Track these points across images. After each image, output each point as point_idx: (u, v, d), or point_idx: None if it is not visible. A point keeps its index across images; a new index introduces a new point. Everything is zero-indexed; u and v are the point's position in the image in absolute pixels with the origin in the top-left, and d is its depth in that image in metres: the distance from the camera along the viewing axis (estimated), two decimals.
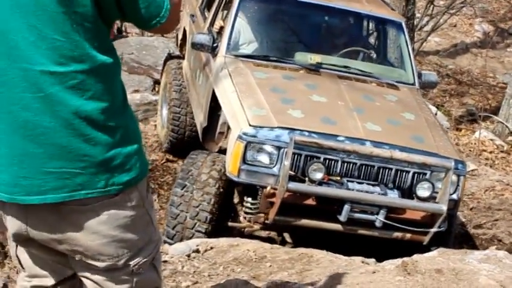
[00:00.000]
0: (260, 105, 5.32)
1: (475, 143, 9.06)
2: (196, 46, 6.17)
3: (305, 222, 5.09)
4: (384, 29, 7.06)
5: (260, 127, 5.08)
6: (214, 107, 5.98)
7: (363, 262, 4.60)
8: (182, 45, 8.40)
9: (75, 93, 2.05)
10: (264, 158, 5.06)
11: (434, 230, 5.08)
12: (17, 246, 2.37)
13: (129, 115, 2.24)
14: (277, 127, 5.08)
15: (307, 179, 4.94)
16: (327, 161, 5.04)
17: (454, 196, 5.25)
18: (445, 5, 13.08)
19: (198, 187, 5.22)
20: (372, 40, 7.24)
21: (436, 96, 11.93)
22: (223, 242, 4.79)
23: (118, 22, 11.59)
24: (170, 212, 5.29)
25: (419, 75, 6.51)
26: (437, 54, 13.92)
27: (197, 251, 4.62)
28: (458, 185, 5.29)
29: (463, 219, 7.02)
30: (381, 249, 5.13)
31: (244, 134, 5.04)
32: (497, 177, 8.10)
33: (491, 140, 9.39)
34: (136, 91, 9.52)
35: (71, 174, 2.09)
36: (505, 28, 15.68)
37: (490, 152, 8.97)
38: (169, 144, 7.84)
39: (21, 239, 2.27)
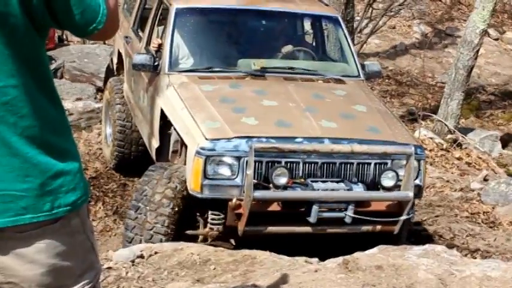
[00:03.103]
0: (213, 118, 5.27)
1: None
2: (137, 67, 6.10)
3: (275, 229, 5.10)
4: (321, 26, 7.12)
5: (217, 139, 5.03)
6: (163, 126, 5.92)
7: (306, 262, 4.63)
8: (119, 69, 8.22)
9: (9, 109, 1.92)
10: (225, 171, 5.01)
11: (403, 217, 5.15)
12: None
13: (67, 130, 2.12)
14: (234, 137, 5.03)
15: (271, 185, 4.92)
16: (289, 164, 5.03)
17: (418, 181, 5.28)
18: (384, 7, 13.26)
19: (151, 209, 5.13)
20: (311, 38, 7.29)
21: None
22: (167, 246, 4.77)
23: (59, 31, 11.50)
24: (125, 236, 5.22)
25: (363, 67, 6.54)
26: (377, 55, 14.09)
27: (141, 256, 4.60)
28: (420, 170, 5.32)
29: None
30: (324, 248, 5.17)
31: (202, 148, 4.98)
32: (437, 175, 8.23)
33: (431, 138, 9.52)
34: (79, 99, 9.44)
35: (13, 197, 1.94)
36: (442, 29, 15.94)
37: (430, 150, 9.09)
38: (116, 162, 7.73)
39: None
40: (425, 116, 10.65)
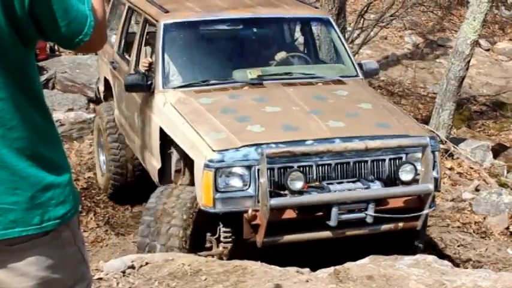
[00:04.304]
0: (217, 129, 5.18)
1: None
2: (130, 88, 6.00)
3: (295, 237, 5.00)
4: (311, 29, 7.09)
5: (225, 150, 4.93)
6: (163, 146, 5.83)
7: (297, 272, 4.62)
8: (107, 97, 7.99)
9: None
10: (236, 182, 4.91)
11: (426, 211, 5.05)
12: None
13: (57, 142, 2.11)
14: (242, 146, 4.94)
15: (287, 191, 4.82)
16: (302, 168, 4.93)
17: (434, 173, 5.15)
18: (375, 18, 13.30)
19: None
20: (304, 42, 7.24)
21: None
22: (158, 257, 4.76)
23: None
24: None
25: (360, 66, 6.46)
26: None
27: (132, 267, 4.59)
28: (435, 161, 5.21)
29: None
30: (315, 258, 5.15)
31: (210, 161, 4.88)
32: None
33: None
34: (71, 109, 9.43)
35: (2, 210, 1.93)
36: (434, 39, 15.99)
37: None
38: (112, 191, 7.51)
39: None
40: None
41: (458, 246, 6.88)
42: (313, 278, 4.30)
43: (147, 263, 4.66)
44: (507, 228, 7.40)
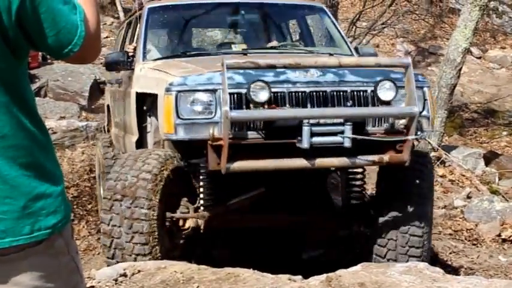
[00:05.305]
0: (186, 68, 4.95)
1: None
2: (111, 65, 5.86)
3: (262, 163, 4.53)
4: (306, 16, 6.94)
5: (188, 75, 4.65)
6: (140, 120, 5.67)
7: (289, 279, 4.62)
8: (110, 129, 7.83)
9: None
10: (199, 109, 4.58)
11: (411, 137, 4.54)
12: None
13: (50, 151, 2.08)
14: (207, 72, 4.66)
15: (251, 105, 4.45)
16: (272, 95, 4.47)
17: (425, 112, 4.78)
18: (367, 26, 13.35)
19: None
20: (299, 30, 7.14)
21: None
22: (150, 264, 4.76)
23: None
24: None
25: (356, 49, 6.17)
26: None
27: (124, 274, 4.58)
28: (425, 99, 4.81)
29: None
30: (307, 265, 5.15)
31: (171, 84, 4.59)
32: None
33: None
34: (63, 117, 9.45)
35: None
36: (425, 47, 16.06)
37: None
38: None
39: None
40: None
41: (450, 253, 6.90)
42: (305, 286, 4.30)
43: (139, 271, 4.65)
44: (499, 235, 7.43)
